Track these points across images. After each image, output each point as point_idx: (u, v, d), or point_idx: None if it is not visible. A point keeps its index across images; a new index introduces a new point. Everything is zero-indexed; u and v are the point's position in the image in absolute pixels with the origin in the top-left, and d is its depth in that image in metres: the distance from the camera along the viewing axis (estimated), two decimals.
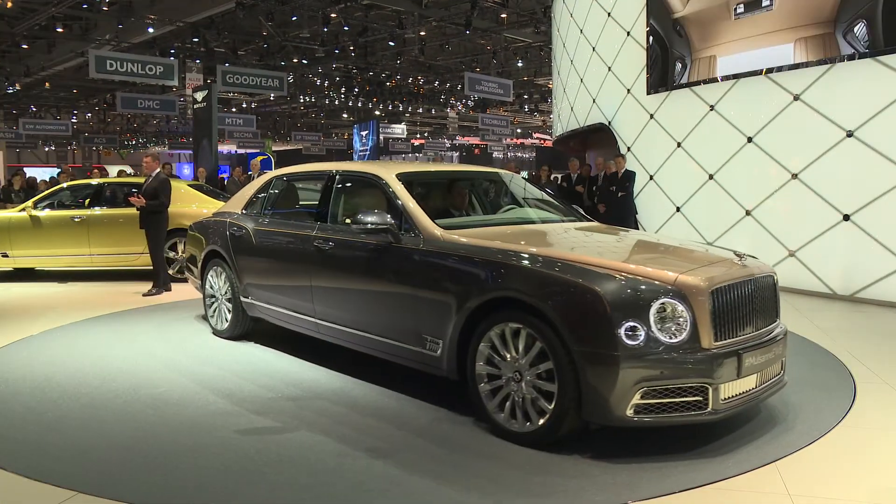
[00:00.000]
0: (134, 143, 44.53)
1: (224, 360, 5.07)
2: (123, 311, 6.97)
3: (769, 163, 8.12)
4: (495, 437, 3.49)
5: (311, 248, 4.64)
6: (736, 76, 8.50)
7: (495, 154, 47.18)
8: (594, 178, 10.81)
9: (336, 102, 31.72)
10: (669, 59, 9.45)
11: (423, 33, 20.15)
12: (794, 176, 7.88)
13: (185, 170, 34.27)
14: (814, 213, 7.69)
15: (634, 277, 3.22)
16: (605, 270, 3.27)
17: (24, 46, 20.69)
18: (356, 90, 28.86)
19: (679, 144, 9.31)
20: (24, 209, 8.96)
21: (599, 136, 11.51)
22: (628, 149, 10.32)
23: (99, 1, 16.38)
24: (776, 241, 8.08)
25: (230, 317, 5.62)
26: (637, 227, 9.66)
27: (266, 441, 3.51)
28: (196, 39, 19.80)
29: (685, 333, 3.13)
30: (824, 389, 4.30)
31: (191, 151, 20.83)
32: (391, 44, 20.88)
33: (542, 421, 3.30)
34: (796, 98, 7.81)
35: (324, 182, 4.91)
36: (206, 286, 5.92)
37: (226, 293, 5.64)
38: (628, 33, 10.18)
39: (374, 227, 4.06)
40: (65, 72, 23.65)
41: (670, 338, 3.11)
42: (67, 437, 3.60)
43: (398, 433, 3.60)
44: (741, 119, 8.44)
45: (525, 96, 30.76)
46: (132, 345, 5.54)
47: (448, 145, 45.86)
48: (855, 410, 3.93)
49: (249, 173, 13.23)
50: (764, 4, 8.19)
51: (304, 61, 23.32)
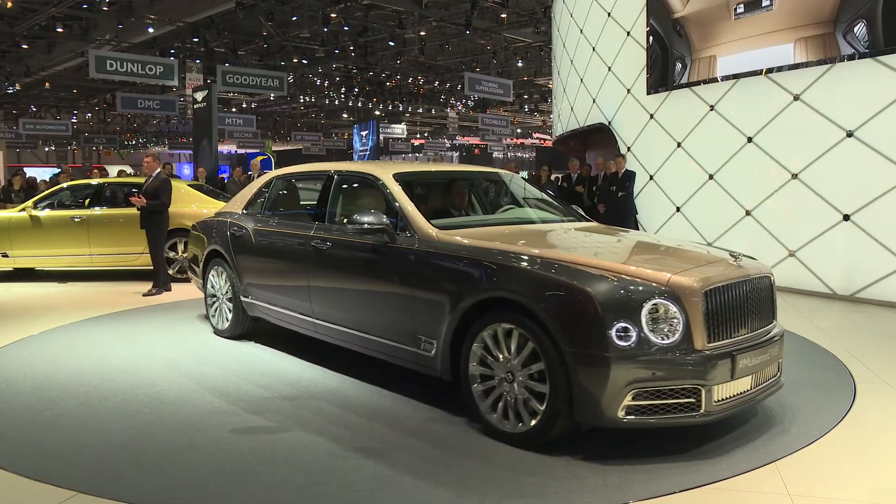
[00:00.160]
0: (134, 143, 44.54)
1: (223, 359, 5.08)
2: (123, 311, 6.98)
3: (769, 163, 8.11)
4: (488, 437, 3.49)
5: (309, 248, 4.64)
6: (736, 76, 8.49)
7: (495, 154, 47.14)
8: (594, 178, 10.79)
9: (336, 102, 31.71)
10: (669, 59, 9.45)
11: (423, 33, 20.14)
12: (794, 176, 7.87)
13: (186, 170, 34.25)
14: (814, 213, 7.68)
15: (626, 278, 3.20)
16: (597, 271, 3.24)
17: (24, 46, 20.70)
18: (356, 90, 28.86)
19: (679, 144, 9.30)
20: (24, 209, 8.96)
21: (599, 136, 11.50)
22: (628, 149, 10.31)
23: (99, 1, 16.39)
24: (776, 241, 8.07)
25: (231, 316, 5.63)
26: (637, 228, 9.65)
27: (260, 440, 3.51)
28: (196, 39, 19.80)
29: (678, 334, 3.11)
30: (824, 389, 4.30)
31: (191, 151, 20.83)
32: (391, 44, 20.88)
33: (533, 422, 3.29)
34: (796, 98, 7.80)
35: (322, 182, 4.92)
36: (208, 286, 5.93)
37: (226, 293, 5.65)
38: (628, 33, 10.17)
39: (370, 227, 4.05)
40: (65, 72, 23.67)
41: (663, 339, 3.09)
42: (66, 436, 3.61)
43: (391, 433, 3.60)
44: (741, 119, 8.44)
45: (525, 96, 30.74)
46: (132, 345, 5.55)
47: (448, 145, 45.84)
48: (855, 410, 3.92)
49: (249, 173, 13.22)
50: (764, 4, 8.18)
51: (304, 61, 23.33)
